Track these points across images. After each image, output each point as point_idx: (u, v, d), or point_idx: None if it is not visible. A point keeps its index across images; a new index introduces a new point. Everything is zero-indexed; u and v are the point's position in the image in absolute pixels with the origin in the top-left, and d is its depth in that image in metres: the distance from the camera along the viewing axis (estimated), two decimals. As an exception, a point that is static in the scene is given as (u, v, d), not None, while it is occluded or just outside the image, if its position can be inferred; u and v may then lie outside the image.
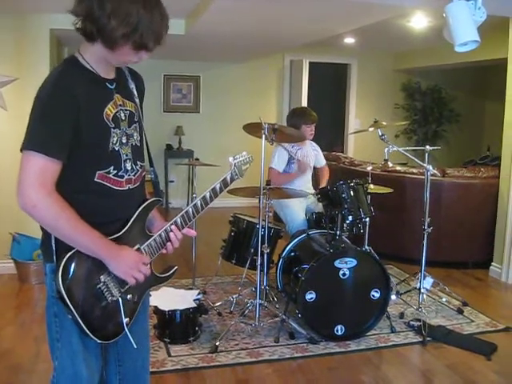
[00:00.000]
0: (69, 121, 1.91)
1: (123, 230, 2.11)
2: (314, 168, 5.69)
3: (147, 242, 2.15)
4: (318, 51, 9.17)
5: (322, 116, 9.18)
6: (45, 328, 2.14)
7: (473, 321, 4.72)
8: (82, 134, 1.95)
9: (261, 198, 4.36)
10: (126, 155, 2.11)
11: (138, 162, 2.18)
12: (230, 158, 2.40)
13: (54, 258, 2.00)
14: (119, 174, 2.08)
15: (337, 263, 4.20)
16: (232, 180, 2.39)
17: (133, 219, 2.14)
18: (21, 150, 1.90)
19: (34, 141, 1.89)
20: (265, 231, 4.45)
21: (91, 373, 2.13)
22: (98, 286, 2.01)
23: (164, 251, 2.21)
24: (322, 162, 5.72)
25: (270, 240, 4.63)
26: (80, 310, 1.97)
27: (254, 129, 4.49)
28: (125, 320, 2.10)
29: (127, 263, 2.04)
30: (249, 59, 9.33)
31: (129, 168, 2.12)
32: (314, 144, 5.65)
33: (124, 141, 2.10)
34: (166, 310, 4.14)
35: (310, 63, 9.34)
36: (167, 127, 9.20)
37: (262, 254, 4.41)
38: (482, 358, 4.04)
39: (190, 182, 9.22)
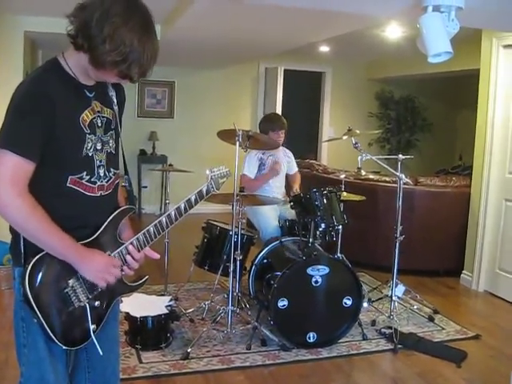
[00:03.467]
0: (43, 122, 1.90)
1: (94, 236, 2.10)
2: (286, 175, 5.66)
3: (118, 250, 2.14)
4: (293, 59, 9.21)
5: (296, 124, 9.24)
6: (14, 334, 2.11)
7: (443, 328, 4.76)
8: (56, 137, 1.94)
9: (234, 205, 4.37)
10: (100, 161, 2.10)
11: (112, 169, 2.18)
12: (207, 171, 2.39)
13: (23, 261, 1.99)
14: (92, 179, 2.08)
15: (309, 270, 4.21)
16: (208, 192, 2.37)
17: (105, 225, 2.14)
18: None
19: (6, 139, 1.89)
20: (238, 238, 4.44)
21: (58, 379, 2.12)
22: (65, 291, 2.01)
23: (130, 272, 2.19)
24: (294, 169, 5.71)
25: (243, 247, 4.63)
26: (45, 314, 1.96)
27: (228, 135, 4.50)
28: (91, 327, 2.09)
29: (97, 266, 2.04)
30: (224, 66, 9.34)
31: (102, 174, 2.12)
32: (287, 151, 5.65)
33: (99, 147, 2.10)
34: (138, 316, 4.11)
35: (285, 71, 9.38)
36: (141, 132, 9.16)
37: (235, 261, 4.41)
38: (452, 365, 4.08)
39: (163, 188, 9.19)
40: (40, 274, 1.95)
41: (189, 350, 4.07)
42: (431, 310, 5.09)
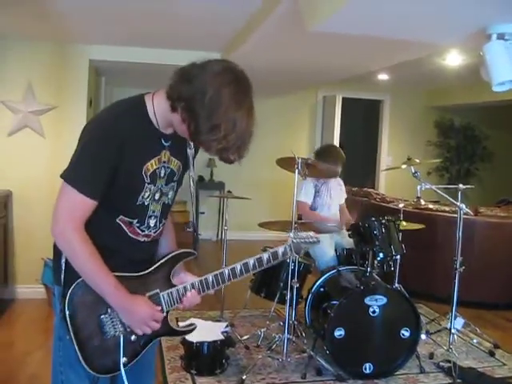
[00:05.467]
0: (110, 165, 1.91)
1: (147, 271, 2.10)
2: None
3: (168, 291, 2.11)
4: (352, 87, 9.21)
5: (353, 152, 9.22)
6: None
7: (505, 364, 4.61)
8: (117, 181, 1.95)
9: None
10: (153, 211, 2.09)
11: (163, 220, 2.17)
12: (290, 233, 2.28)
13: (62, 281, 2.00)
14: (141, 227, 2.08)
15: (367, 300, 4.16)
16: (284, 255, 2.23)
17: (160, 263, 2.14)
18: (61, 176, 1.93)
19: (74, 177, 1.92)
20: (295, 266, 4.42)
21: None
22: (101, 317, 2.00)
23: (180, 306, 2.14)
24: (342, 199, 5.57)
25: (300, 275, 4.58)
26: (78, 336, 1.96)
27: (286, 163, 4.53)
28: (122, 359, 2.04)
29: (137, 317, 2.02)
30: (282, 94, 9.36)
31: (152, 225, 2.11)
32: (338, 179, 5.56)
33: (157, 197, 2.08)
34: (194, 341, 4.12)
35: (343, 99, 9.39)
36: (199, 159, 9.01)
37: (292, 289, 4.39)
38: (514, 402, 3.95)
39: (220, 214, 9.26)
40: (80, 297, 1.97)
41: (244, 377, 4.05)
42: (491, 344, 4.95)
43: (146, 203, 2.04)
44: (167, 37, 5.35)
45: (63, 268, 1.99)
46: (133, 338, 2.06)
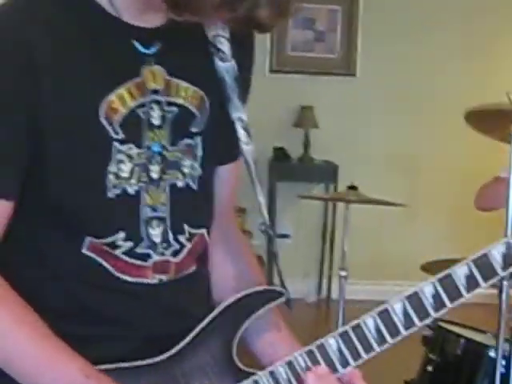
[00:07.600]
0: (15, 122, 1.83)
1: (177, 348, 2.01)
2: None
3: None
4: None
5: None
6: None
7: None
8: (44, 152, 1.85)
9: (504, 287, 4.03)
10: (154, 209, 1.99)
11: (186, 227, 2.05)
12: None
13: None
14: (137, 249, 1.97)
15: None
16: (493, 275, 2.03)
17: (202, 326, 2.05)
18: None
19: None
20: (509, 364, 4.26)
21: None
22: None
23: None
24: None
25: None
26: None
27: (488, 120, 4.50)
28: None
29: None
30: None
31: (157, 239, 2.00)
32: None
33: (155, 175, 1.97)
34: None
35: None
36: (278, 107, 8.90)
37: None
38: None
39: (328, 242, 8.80)
40: None
41: None
42: None
43: (129, 191, 1.95)
44: None
45: None
46: None
